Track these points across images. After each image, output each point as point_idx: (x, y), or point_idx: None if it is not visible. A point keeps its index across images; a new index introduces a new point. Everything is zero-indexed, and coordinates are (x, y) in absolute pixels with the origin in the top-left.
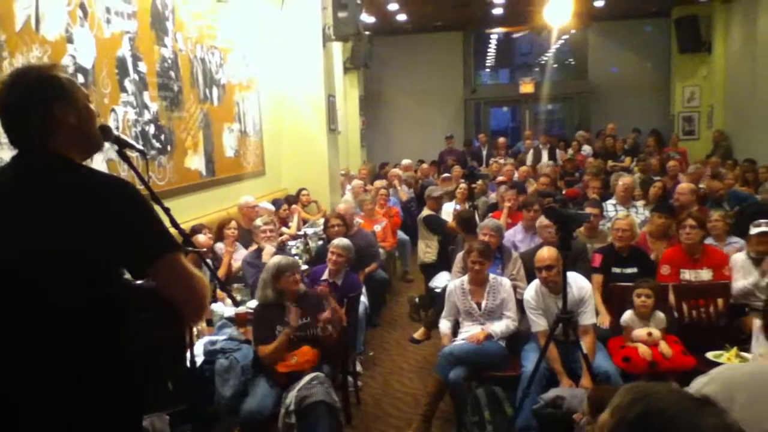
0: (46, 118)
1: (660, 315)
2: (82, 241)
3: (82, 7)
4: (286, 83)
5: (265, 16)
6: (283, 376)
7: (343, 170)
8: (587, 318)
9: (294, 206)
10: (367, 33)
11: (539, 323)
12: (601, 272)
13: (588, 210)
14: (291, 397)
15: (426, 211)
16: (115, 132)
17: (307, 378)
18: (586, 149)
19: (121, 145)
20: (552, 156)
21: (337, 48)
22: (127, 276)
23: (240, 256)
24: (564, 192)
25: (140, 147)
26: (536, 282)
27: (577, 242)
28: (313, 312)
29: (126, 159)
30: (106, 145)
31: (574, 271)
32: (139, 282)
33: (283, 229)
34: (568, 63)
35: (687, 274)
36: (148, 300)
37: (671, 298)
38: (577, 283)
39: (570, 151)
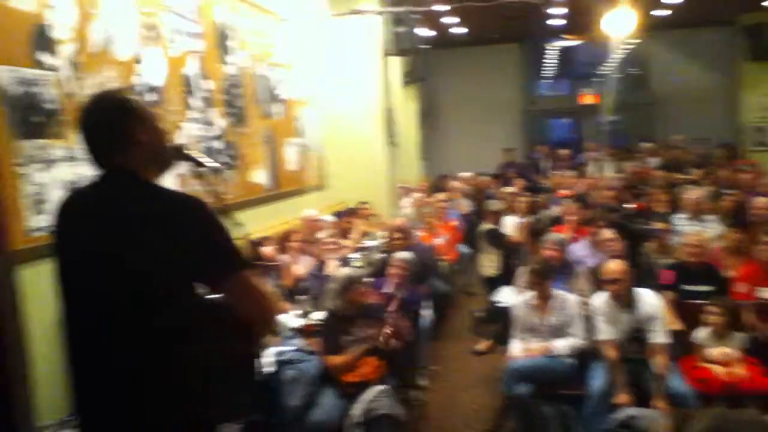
0: (121, 138)
1: (738, 335)
2: (140, 248)
3: (152, 28)
4: (346, 98)
5: (325, 32)
6: (349, 387)
7: (402, 183)
8: (659, 336)
9: (355, 219)
10: (424, 47)
11: (605, 331)
12: (672, 289)
13: (656, 225)
14: (358, 409)
15: (486, 225)
16: (188, 151)
17: (373, 391)
18: (652, 161)
19: (195, 164)
20: (615, 168)
21: (396, 62)
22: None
23: (303, 264)
24: (630, 205)
25: (214, 164)
26: (606, 293)
27: (646, 257)
28: (378, 324)
29: (200, 176)
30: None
31: (642, 286)
32: (210, 296)
33: (344, 241)
34: (629, 73)
35: (765, 293)
36: (219, 314)
37: (748, 317)
38: (647, 299)
39: (635, 163)
